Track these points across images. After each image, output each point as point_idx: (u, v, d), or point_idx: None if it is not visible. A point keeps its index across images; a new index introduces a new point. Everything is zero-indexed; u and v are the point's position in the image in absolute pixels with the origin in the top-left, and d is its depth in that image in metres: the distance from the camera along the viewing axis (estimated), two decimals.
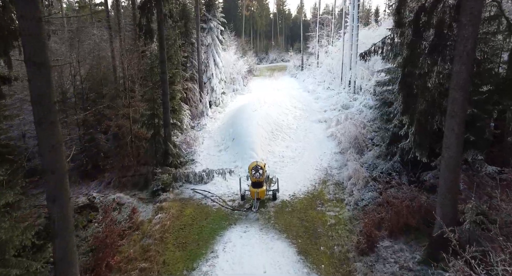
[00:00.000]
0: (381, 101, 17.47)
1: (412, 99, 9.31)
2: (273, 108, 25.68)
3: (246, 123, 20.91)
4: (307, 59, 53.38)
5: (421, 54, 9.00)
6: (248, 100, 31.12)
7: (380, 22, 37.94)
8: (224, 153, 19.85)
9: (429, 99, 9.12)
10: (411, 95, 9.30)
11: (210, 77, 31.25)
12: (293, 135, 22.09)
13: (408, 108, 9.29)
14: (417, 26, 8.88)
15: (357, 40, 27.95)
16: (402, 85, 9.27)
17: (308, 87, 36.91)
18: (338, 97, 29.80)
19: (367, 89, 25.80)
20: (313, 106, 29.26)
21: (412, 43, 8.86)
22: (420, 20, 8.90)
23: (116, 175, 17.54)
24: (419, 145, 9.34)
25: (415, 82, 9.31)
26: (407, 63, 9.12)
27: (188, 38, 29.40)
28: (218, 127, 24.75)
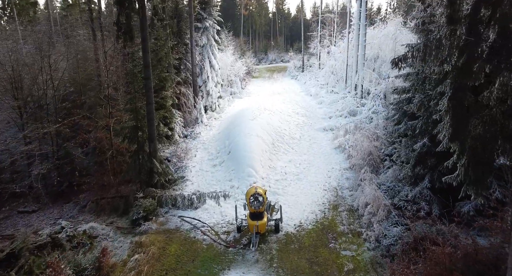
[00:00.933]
0: (400, 111, 14.97)
1: (464, 120, 6.86)
2: (274, 115, 23.15)
3: (244, 134, 18.38)
4: (308, 60, 50.84)
5: (478, 59, 6.56)
6: (246, 105, 28.56)
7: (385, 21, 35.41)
8: (219, 168, 17.32)
9: (488, 121, 6.67)
10: (462, 114, 6.84)
11: (205, 80, 28.72)
12: (296, 147, 19.57)
13: (459, 132, 6.85)
14: (475, 22, 6.42)
15: (365, 41, 25.45)
16: (452, 101, 6.81)
17: (310, 91, 34.39)
18: (344, 102, 27.27)
19: (377, 94, 23.31)
20: (317, 112, 26.74)
21: (468, 45, 6.40)
22: (479, 13, 6.44)
23: (93, 196, 15.04)
24: (473, 182, 6.91)
25: (467, 98, 6.85)
26: (460, 72, 6.64)
27: (182, 39, 26.86)
28: (213, 137, 22.21)
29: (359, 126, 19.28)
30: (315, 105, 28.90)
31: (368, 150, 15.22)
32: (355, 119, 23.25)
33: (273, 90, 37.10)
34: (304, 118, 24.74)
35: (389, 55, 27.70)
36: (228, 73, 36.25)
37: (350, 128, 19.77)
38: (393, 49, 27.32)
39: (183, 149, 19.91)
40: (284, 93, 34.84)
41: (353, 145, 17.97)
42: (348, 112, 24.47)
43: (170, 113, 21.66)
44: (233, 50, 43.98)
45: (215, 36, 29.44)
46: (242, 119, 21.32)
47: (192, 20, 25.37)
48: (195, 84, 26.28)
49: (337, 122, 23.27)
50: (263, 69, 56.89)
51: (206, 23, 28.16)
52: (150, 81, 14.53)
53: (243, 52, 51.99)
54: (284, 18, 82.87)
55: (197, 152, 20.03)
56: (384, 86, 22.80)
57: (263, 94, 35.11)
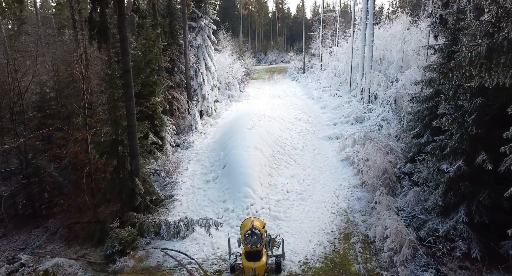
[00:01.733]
0: (420, 122, 12.84)
1: None
2: (274, 122, 21.01)
3: (241, 147, 16.23)
4: (309, 60, 48.69)
5: None
6: (245, 109, 26.44)
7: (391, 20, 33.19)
8: (212, 185, 15.18)
9: None
10: None
11: (201, 83, 26.59)
12: (299, 159, 17.43)
13: None
14: None
15: (372, 41, 23.31)
16: None
17: (312, 94, 32.24)
18: (349, 107, 25.13)
19: (386, 100, 21.18)
20: (320, 118, 24.61)
21: None
22: None
23: (66, 220, 12.93)
24: None
25: None
26: None
27: (175, 39, 24.74)
28: (207, 146, 20.08)
29: (368, 136, 17.15)
30: (318, 110, 26.76)
31: (383, 166, 13.07)
32: (363, 126, 21.15)
33: (273, 93, 34.97)
34: (307, 125, 22.59)
35: (396, 57, 25.64)
36: (225, 75, 34.14)
37: (359, 138, 17.64)
38: (401, 50, 25.23)
39: (174, 161, 17.79)
40: (285, 97, 32.72)
41: (363, 158, 15.85)
42: (354, 118, 22.34)
43: (160, 120, 19.54)
44: (232, 51, 41.90)
45: (211, 36, 27.29)
46: (239, 128, 19.17)
47: (186, 18, 23.23)
48: (189, 88, 24.15)
49: (342, 130, 21.14)
50: (263, 70, 54.76)
51: (201, 22, 26.01)
52: (131, 88, 12.38)
53: (241, 53, 49.90)
54: (284, 17, 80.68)
55: (189, 164, 17.89)
56: (395, 91, 20.68)
57: (263, 98, 33.00)
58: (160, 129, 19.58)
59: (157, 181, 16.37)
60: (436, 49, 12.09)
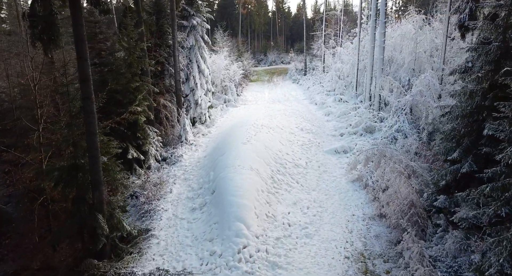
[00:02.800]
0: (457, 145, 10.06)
1: None
2: (273, 134, 18.24)
3: (233, 167, 13.44)
4: (311, 61, 45.92)
5: None
6: (241, 117, 23.72)
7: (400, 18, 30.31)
8: (198, 215, 12.41)
9: None
10: None
11: (193, 88, 23.83)
12: (302, 180, 14.67)
13: None
14: None
15: (384, 42, 20.51)
16: None
17: (315, 98, 29.45)
18: (357, 114, 22.38)
19: (400, 108, 18.39)
20: (325, 127, 21.84)
21: None
22: None
23: (10, 266, 10.18)
24: None
25: None
26: None
27: (163, 39, 21.97)
28: (197, 162, 17.32)
29: (383, 152, 14.39)
30: (322, 118, 23.98)
31: (409, 198, 10.28)
32: (374, 138, 18.39)
33: (273, 97, 32.22)
34: (310, 136, 19.81)
35: (408, 59, 22.90)
36: (222, 78, 31.37)
37: (372, 155, 14.89)
38: (413, 51, 22.47)
39: (157, 180, 15.03)
40: (285, 101, 29.96)
41: (378, 180, 13.13)
42: (363, 128, 19.56)
43: (143, 132, 16.79)
44: (229, 52, 39.12)
45: (205, 36, 24.49)
46: (233, 142, 16.38)
47: (174, 16, 20.43)
48: (178, 94, 21.37)
49: (351, 143, 18.37)
50: (262, 72, 51.99)
51: (193, 21, 23.21)
52: (91, 102, 9.59)
53: (240, 53, 47.09)
54: (284, 17, 77.77)
55: (174, 184, 15.15)
56: (410, 99, 17.89)
57: (262, 102, 30.25)
58: (143, 142, 16.84)
59: (135, 206, 13.66)
60: (479, 52, 9.33)
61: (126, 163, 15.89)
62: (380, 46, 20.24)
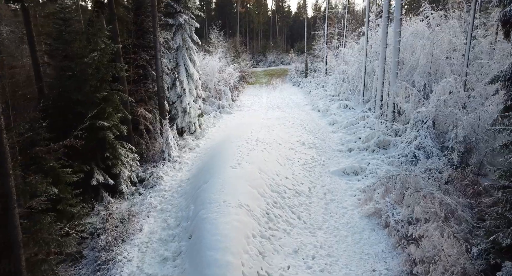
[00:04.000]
0: None
1: None
2: (270, 151, 15.19)
3: (217, 204, 10.35)
4: (312, 62, 42.82)
5: None
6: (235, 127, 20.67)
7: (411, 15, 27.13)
8: (170, 270, 9.35)
9: None
10: None
11: (180, 94, 20.79)
12: (305, 214, 11.60)
13: None
14: None
15: (399, 42, 17.40)
16: None
17: (317, 104, 26.37)
18: (366, 124, 19.32)
19: (421, 120, 15.33)
20: (330, 140, 18.75)
21: None
22: None
23: None
24: None
25: None
26: None
27: (144, 39, 18.88)
28: (179, 186, 14.27)
29: (406, 180, 11.36)
30: (326, 128, 20.90)
31: (459, 265, 7.21)
32: (389, 157, 15.32)
33: (271, 102, 29.14)
34: (314, 152, 16.74)
35: (423, 61, 19.81)
36: (215, 82, 28.29)
37: (391, 181, 11.84)
38: (429, 52, 19.37)
39: (124, 214, 11.98)
40: (285, 107, 26.89)
41: (403, 219, 10.09)
42: (376, 143, 16.50)
43: (113, 151, 13.71)
44: (225, 53, 36.06)
45: (194, 35, 21.40)
46: (221, 164, 13.29)
47: (156, 13, 17.33)
48: (161, 102, 18.28)
49: (362, 161, 15.31)
50: (261, 73, 48.90)
51: (180, 18, 20.13)
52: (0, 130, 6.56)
53: (237, 54, 43.97)
54: (284, 16, 74.55)
55: (147, 218, 12.10)
56: (433, 109, 14.86)
57: (259, 108, 27.19)
58: (113, 163, 13.76)
59: (94, 249, 10.61)
60: None
61: (90, 190, 12.96)
62: (395, 47, 17.15)
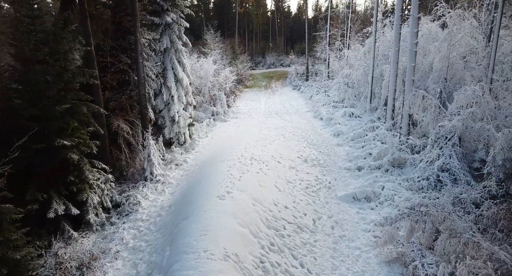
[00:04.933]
0: None
1: None
2: (266, 172, 12.76)
3: (196, 253, 7.86)
4: (313, 65, 40.42)
5: None
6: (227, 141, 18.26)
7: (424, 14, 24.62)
8: None
9: None
10: None
11: (168, 101, 18.39)
12: (309, 259, 9.14)
13: None
14: None
15: (416, 45, 14.94)
16: None
17: (320, 111, 23.94)
18: (376, 137, 16.92)
19: (443, 136, 12.90)
20: (336, 155, 16.32)
21: None
22: None
23: None
24: None
25: None
26: None
27: (125, 40, 16.48)
28: (159, 215, 11.84)
29: (435, 217, 8.95)
30: (331, 140, 18.47)
31: None
32: (407, 178, 12.90)
33: (270, 108, 26.72)
34: (318, 171, 14.32)
35: (438, 65, 17.52)
36: (210, 86, 25.88)
37: (416, 216, 9.43)
38: (446, 56, 17.05)
39: (82, 259, 9.56)
40: (284, 114, 24.48)
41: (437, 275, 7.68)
42: (390, 161, 14.06)
43: (79, 174, 11.30)
44: (222, 54, 33.66)
45: (183, 36, 19.00)
46: (205, 195, 10.81)
47: (137, 10, 14.91)
48: (143, 112, 15.85)
49: (375, 183, 12.90)
50: (260, 75, 46.48)
51: (168, 17, 17.72)
52: None
53: (235, 56, 41.53)
54: (284, 17, 72.06)
55: (115, 260, 9.68)
56: (460, 124, 12.44)
57: (256, 115, 24.77)
58: (79, 188, 11.36)
59: None
60: None
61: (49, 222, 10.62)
62: (411, 50, 14.71)
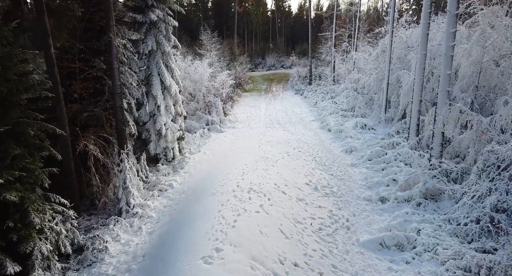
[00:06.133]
0: None
1: None
2: (269, 211, 9.84)
3: None
4: (316, 67, 37.51)
5: None
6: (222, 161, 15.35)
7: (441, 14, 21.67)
8: None
9: None
10: None
11: (153, 112, 15.52)
12: None
13: None
14: None
15: (453, 48, 12.02)
16: None
17: (327, 121, 21.01)
18: (398, 156, 14.03)
19: (495, 164, 10.02)
20: (351, 179, 13.39)
21: None
22: None
23: None
24: None
25: None
26: None
27: (99, 42, 13.51)
28: (128, 269, 8.91)
29: None
30: (343, 157, 15.55)
31: None
32: (446, 218, 10.00)
33: (271, 117, 23.80)
34: (331, 203, 11.39)
35: (468, 71, 14.71)
36: (205, 92, 22.96)
37: None
38: (477, 60, 14.23)
39: None
40: (287, 124, 21.55)
41: None
42: (422, 193, 11.16)
43: (21, 218, 8.35)
44: (219, 56, 30.73)
45: (171, 37, 16.07)
46: (184, 256, 7.95)
47: (110, 4, 11.96)
48: (120, 128, 12.87)
49: (406, 223, 9.99)
50: (259, 78, 43.51)
51: (152, 14, 14.79)
52: None
53: (234, 57, 38.59)
54: (285, 17, 69.03)
55: None
56: None
57: (256, 125, 21.85)
58: (22, 236, 8.43)
59: None
60: None
61: None
62: (447, 55, 11.79)
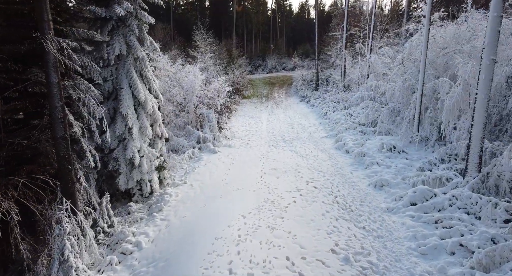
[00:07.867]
0: None
1: None
2: None
3: None
4: (321, 70, 33.41)
5: None
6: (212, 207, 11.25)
7: None
8: None
9: None
10: None
11: (124, 136, 11.40)
12: None
13: None
14: None
15: None
16: None
17: (343, 139, 16.87)
18: (455, 200, 9.95)
19: None
20: (392, 236, 9.26)
21: None
22: None
23: None
24: None
25: None
26: None
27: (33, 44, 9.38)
28: None
29: None
30: (372, 194, 11.41)
31: None
32: None
33: (274, 131, 19.69)
34: None
35: None
36: (196, 102, 18.86)
37: None
38: None
39: None
40: (294, 141, 17.45)
41: None
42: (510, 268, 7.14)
43: None
44: (215, 58, 26.66)
45: (147, 38, 11.92)
46: None
47: None
48: (63, 167, 8.72)
49: None
50: (260, 82, 39.36)
51: (119, 8, 10.63)
52: None
53: (232, 59, 34.45)
54: (286, 16, 64.82)
55: None
56: None
57: (256, 142, 17.74)
58: None
59: None
60: None
61: None
62: None
